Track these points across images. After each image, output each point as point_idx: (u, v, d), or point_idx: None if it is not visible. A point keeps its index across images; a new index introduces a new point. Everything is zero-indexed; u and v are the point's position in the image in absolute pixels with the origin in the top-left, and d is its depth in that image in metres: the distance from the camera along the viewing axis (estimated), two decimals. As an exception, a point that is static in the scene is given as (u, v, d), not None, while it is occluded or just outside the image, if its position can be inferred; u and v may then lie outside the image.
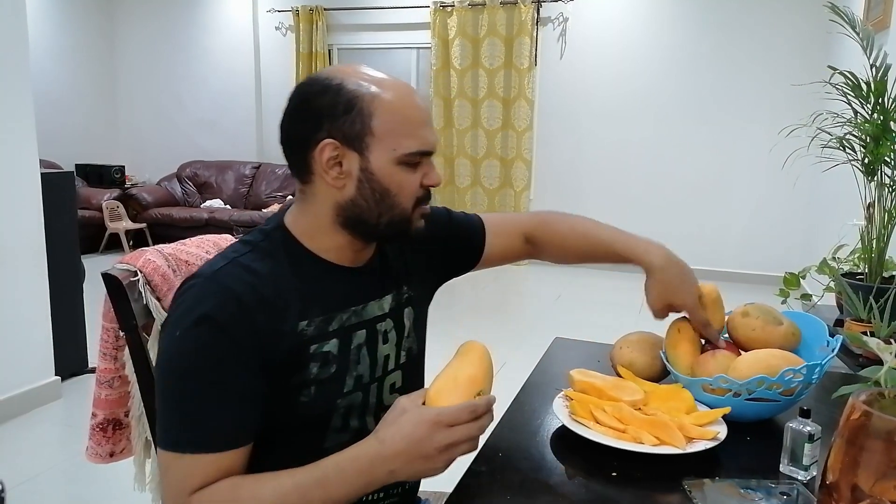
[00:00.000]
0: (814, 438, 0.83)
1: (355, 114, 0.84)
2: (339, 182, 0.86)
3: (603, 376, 1.03)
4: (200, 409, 0.79)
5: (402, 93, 0.87)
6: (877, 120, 1.93)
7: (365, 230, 0.90)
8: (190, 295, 0.82)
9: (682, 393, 0.98)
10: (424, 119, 0.88)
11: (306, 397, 0.86)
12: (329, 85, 0.85)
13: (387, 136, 0.85)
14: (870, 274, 2.00)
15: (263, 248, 0.88)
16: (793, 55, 4.92)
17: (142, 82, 6.90)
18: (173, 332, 0.80)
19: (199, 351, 0.79)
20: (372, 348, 0.94)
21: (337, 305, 0.90)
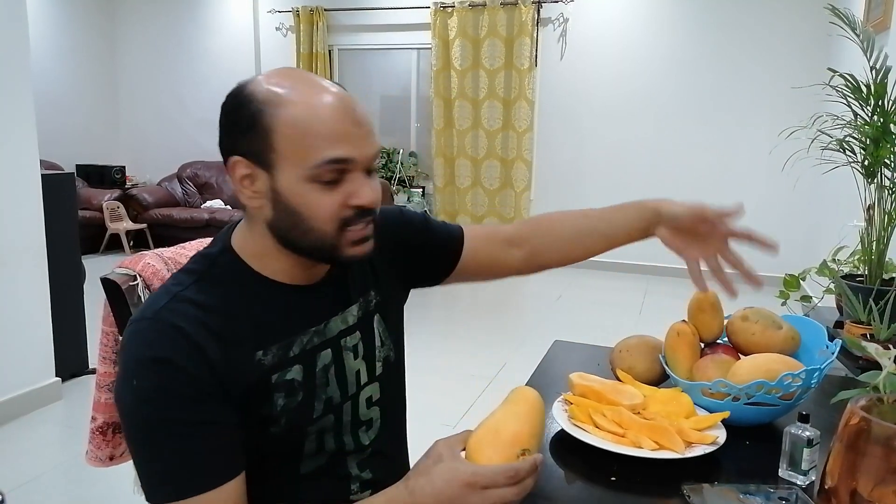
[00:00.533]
0: (812, 443, 0.83)
1: (258, 129, 0.76)
2: (255, 202, 0.80)
3: (602, 380, 1.03)
4: (185, 450, 0.74)
5: (312, 100, 0.77)
6: (877, 122, 1.93)
7: (296, 251, 0.83)
8: (137, 340, 0.77)
9: (682, 397, 0.98)
10: (340, 127, 0.77)
11: (276, 429, 0.82)
12: (239, 97, 0.78)
13: (291, 152, 0.76)
14: (870, 276, 2.00)
15: (210, 276, 0.82)
16: (793, 56, 4.92)
17: (142, 82, 6.90)
18: (129, 383, 0.75)
19: (160, 394, 0.74)
20: (339, 367, 0.89)
21: (295, 329, 0.85)
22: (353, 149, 0.77)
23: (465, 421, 2.73)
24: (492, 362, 3.39)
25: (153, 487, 0.75)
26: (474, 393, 3.01)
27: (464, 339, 3.81)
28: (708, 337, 1.09)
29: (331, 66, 6.29)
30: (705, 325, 1.08)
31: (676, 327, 1.08)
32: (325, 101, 0.77)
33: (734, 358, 1.03)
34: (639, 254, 5.60)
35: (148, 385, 0.74)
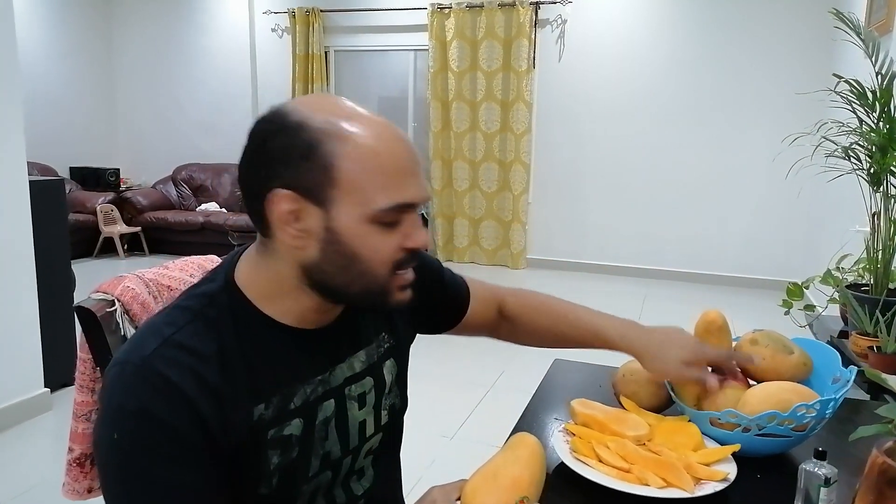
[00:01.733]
0: (830, 482, 0.78)
1: (315, 160, 0.68)
2: (298, 241, 0.71)
3: (605, 408, 0.99)
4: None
5: (379, 134, 0.71)
6: (882, 129, 1.89)
7: (337, 298, 0.76)
8: (120, 386, 0.69)
9: (689, 427, 0.94)
10: (407, 168, 0.72)
11: (266, 488, 0.74)
12: (286, 124, 0.69)
13: (355, 190, 0.69)
14: (875, 286, 1.96)
15: (207, 316, 0.74)
16: (794, 59, 4.87)
17: (138, 84, 6.85)
18: (110, 434, 0.68)
19: (142, 450, 0.67)
20: (342, 419, 0.82)
21: (298, 377, 0.77)
22: (417, 191, 0.73)
23: (464, 431, 2.68)
24: (490, 369, 3.34)
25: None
26: (473, 401, 2.97)
27: (463, 345, 3.76)
28: None
29: (327, 67, 6.24)
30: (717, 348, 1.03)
31: None
32: (389, 137, 0.71)
33: (743, 384, 0.98)
34: (637, 257, 5.59)
35: (129, 437, 0.67)
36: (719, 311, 1.04)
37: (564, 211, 5.68)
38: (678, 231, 5.38)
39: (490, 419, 2.81)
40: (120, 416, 0.68)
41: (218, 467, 0.71)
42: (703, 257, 5.34)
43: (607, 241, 5.58)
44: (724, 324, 1.02)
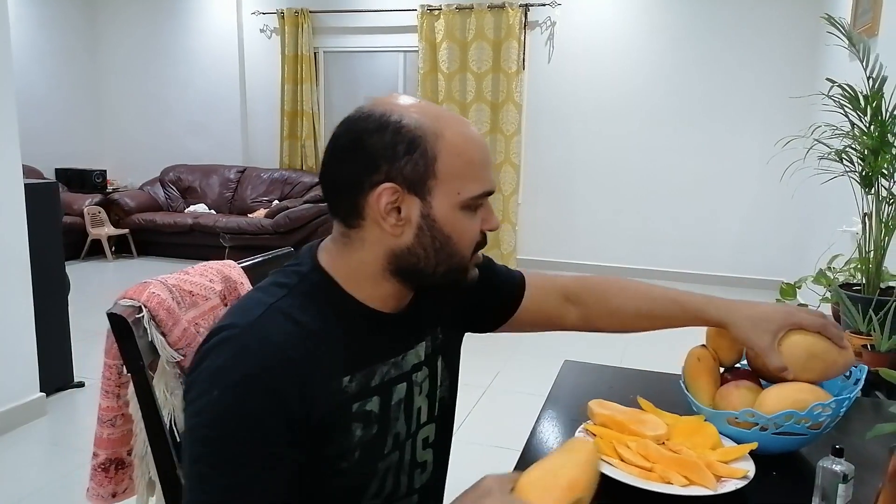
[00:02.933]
0: (847, 479, 0.81)
1: (418, 155, 0.75)
2: (396, 229, 0.78)
3: (622, 408, 1.00)
4: (246, 481, 0.69)
5: (465, 130, 0.80)
6: (874, 132, 1.94)
7: (419, 279, 0.82)
8: (227, 349, 0.72)
9: (706, 426, 0.96)
10: (487, 158, 0.82)
11: (348, 463, 0.78)
12: (387, 121, 0.76)
13: (451, 179, 0.77)
14: (867, 285, 2.00)
15: (301, 291, 0.79)
16: (783, 62, 4.94)
17: (124, 85, 6.78)
18: (209, 392, 0.70)
19: (245, 418, 0.69)
20: (409, 402, 0.87)
21: (378, 357, 0.83)
22: (493, 181, 0.83)
23: (461, 433, 2.70)
24: (485, 370, 3.36)
25: None
26: (469, 402, 2.99)
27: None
28: (727, 362, 1.07)
29: (316, 68, 6.23)
30: (725, 349, 1.05)
31: (696, 353, 1.05)
32: (472, 134, 0.81)
33: (756, 384, 1.01)
34: (628, 257, 5.64)
35: (232, 404, 0.70)
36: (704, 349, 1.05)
37: (555, 212, 5.72)
38: (669, 231, 5.44)
39: (486, 421, 2.83)
40: (226, 377, 0.70)
41: (303, 445, 0.73)
42: (694, 257, 5.41)
43: (598, 242, 5.62)
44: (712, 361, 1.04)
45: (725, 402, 0.98)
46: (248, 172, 6.37)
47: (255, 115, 6.49)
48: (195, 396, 0.71)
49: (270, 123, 6.41)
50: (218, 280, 1.10)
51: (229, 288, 1.11)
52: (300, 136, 6.29)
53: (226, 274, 1.12)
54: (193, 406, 0.72)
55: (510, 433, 1.03)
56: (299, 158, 6.34)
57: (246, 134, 6.56)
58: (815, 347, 0.95)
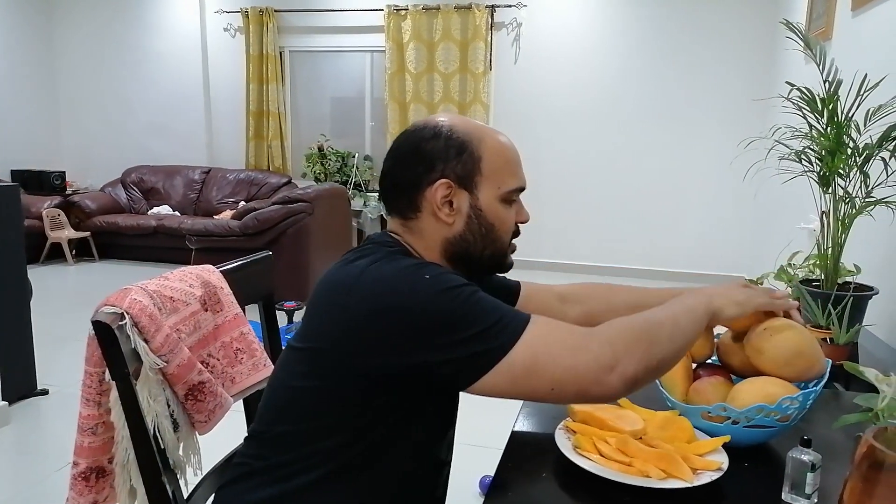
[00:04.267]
0: (815, 468, 0.85)
1: (467, 155, 0.93)
2: (449, 219, 0.94)
3: (602, 405, 1.04)
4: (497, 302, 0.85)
5: (501, 136, 0.98)
6: (830, 134, 2.01)
7: (468, 263, 0.97)
8: (389, 267, 0.85)
9: (681, 421, 0.99)
10: (519, 159, 0.99)
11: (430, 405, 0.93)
12: (439, 130, 0.94)
13: (493, 175, 0.95)
14: (826, 281, 2.08)
15: (408, 252, 0.95)
16: (746, 65, 5.07)
17: (83, 84, 6.62)
18: (418, 280, 0.83)
19: (453, 274, 0.86)
20: None
21: None
22: (524, 178, 1.00)
23: (436, 431, 2.71)
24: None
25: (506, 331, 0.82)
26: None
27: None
28: (699, 357, 1.10)
29: (282, 67, 6.17)
30: (697, 346, 1.09)
31: None
32: (506, 139, 0.99)
33: (727, 379, 1.05)
34: (593, 255, 5.72)
35: (439, 271, 0.85)
36: None
37: (522, 211, 5.76)
38: (633, 230, 5.54)
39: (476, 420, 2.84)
40: (415, 268, 0.86)
41: None
42: (657, 255, 5.52)
43: (565, 241, 5.70)
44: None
45: (699, 397, 1.02)
46: (214, 173, 6.27)
47: (220, 115, 6.40)
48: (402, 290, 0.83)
49: (235, 123, 6.33)
50: (198, 285, 1.10)
51: (209, 293, 1.11)
52: (266, 137, 6.22)
53: (205, 279, 1.12)
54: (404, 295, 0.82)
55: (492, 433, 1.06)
56: (266, 159, 6.28)
57: (210, 134, 6.46)
58: (804, 346, 0.99)
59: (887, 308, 2.29)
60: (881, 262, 2.40)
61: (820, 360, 1.01)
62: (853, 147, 1.97)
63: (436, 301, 0.81)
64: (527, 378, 0.81)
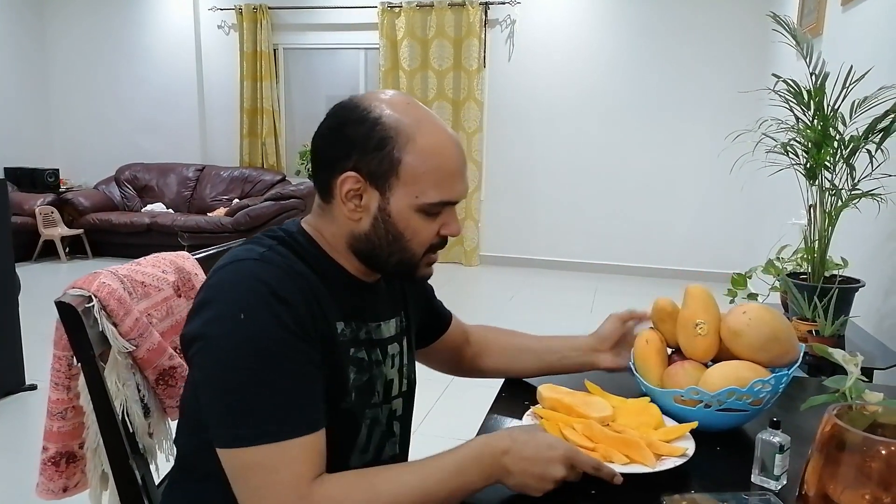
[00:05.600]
0: (784, 449, 0.85)
1: (385, 154, 0.81)
2: (355, 215, 0.85)
3: (571, 391, 1.03)
4: (293, 388, 0.74)
5: (439, 140, 0.83)
6: (817, 126, 2.01)
7: (374, 264, 0.89)
8: (240, 277, 0.77)
9: (650, 408, 0.99)
10: (456, 170, 0.85)
11: (347, 403, 0.85)
12: (367, 116, 0.82)
13: (412, 182, 0.82)
14: (813, 274, 2.08)
15: (292, 245, 0.85)
16: (736, 59, 5.08)
17: (77, 82, 6.60)
18: (235, 317, 0.74)
19: (274, 328, 0.74)
20: (381, 369, 0.94)
21: (361, 317, 0.90)
22: (460, 190, 0.86)
23: (424, 426, 2.71)
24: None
25: (250, 429, 0.72)
26: (432, 397, 3.00)
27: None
28: (674, 343, 1.10)
29: (276, 65, 6.16)
30: (670, 332, 1.09)
31: (645, 335, 1.09)
32: (447, 140, 0.84)
33: (700, 364, 1.04)
34: (588, 252, 5.73)
35: (260, 318, 0.74)
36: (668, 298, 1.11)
37: (516, 208, 5.77)
38: (627, 227, 5.54)
39: (452, 414, 2.84)
40: (249, 298, 0.75)
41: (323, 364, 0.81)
42: (651, 252, 5.52)
43: (558, 238, 5.70)
44: (673, 309, 1.09)
45: (672, 381, 1.02)
46: (207, 171, 6.27)
47: (214, 113, 6.39)
48: (216, 325, 0.75)
49: (229, 121, 6.32)
50: (171, 271, 1.09)
51: (183, 279, 1.10)
52: (260, 134, 6.21)
53: (179, 265, 1.11)
54: (214, 340, 0.75)
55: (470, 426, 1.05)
56: (260, 156, 6.27)
57: (204, 132, 6.45)
58: (781, 332, 0.99)
59: (874, 301, 2.29)
60: (868, 255, 2.40)
61: (795, 346, 1.01)
62: (839, 139, 1.97)
63: (230, 348, 0.74)
64: (233, 482, 0.74)
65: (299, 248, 0.85)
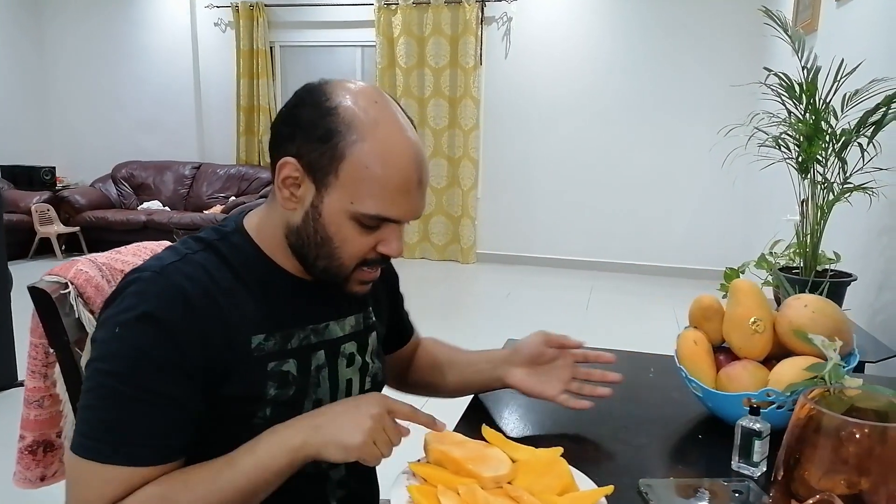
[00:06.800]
0: (763, 436, 0.84)
1: (329, 147, 0.74)
2: (289, 204, 0.79)
3: (464, 440, 0.85)
4: (131, 417, 0.71)
5: (393, 148, 0.75)
6: (809, 119, 2.01)
7: (302, 262, 0.82)
8: (134, 290, 0.74)
9: (558, 465, 0.82)
10: (403, 185, 0.76)
11: (261, 419, 0.79)
12: (323, 102, 0.76)
13: (350, 186, 0.75)
14: (805, 268, 2.08)
15: (218, 249, 0.81)
16: (732, 55, 5.06)
17: (73, 80, 6.59)
18: (111, 329, 0.73)
19: (138, 352, 0.72)
20: (332, 371, 0.87)
21: (296, 322, 0.84)
22: (406, 210, 0.78)
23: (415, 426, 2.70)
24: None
25: (82, 438, 0.72)
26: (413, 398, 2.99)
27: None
28: (714, 343, 1.05)
29: (272, 63, 6.16)
30: (713, 331, 1.04)
31: (691, 336, 1.02)
32: (404, 151, 0.76)
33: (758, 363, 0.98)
34: (584, 250, 5.72)
35: (128, 339, 0.72)
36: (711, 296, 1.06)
37: (513, 206, 5.76)
38: (624, 224, 5.53)
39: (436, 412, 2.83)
40: (126, 314, 0.73)
41: (202, 390, 0.75)
42: (647, 250, 5.51)
43: (555, 235, 5.69)
44: (720, 306, 1.04)
45: (735, 384, 0.95)
46: (204, 169, 6.26)
47: (211, 111, 6.38)
48: (98, 335, 0.75)
49: (226, 119, 6.31)
50: (152, 260, 1.08)
51: (164, 268, 1.10)
52: (257, 132, 6.21)
53: (160, 254, 1.10)
54: (95, 344, 0.75)
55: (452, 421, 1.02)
56: (256, 154, 6.26)
57: (201, 129, 6.44)
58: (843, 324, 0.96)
59: (867, 295, 2.29)
60: (861, 250, 2.39)
61: (852, 337, 0.98)
62: (831, 133, 1.97)
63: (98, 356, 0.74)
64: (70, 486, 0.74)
65: (229, 253, 0.81)
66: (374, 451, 0.75)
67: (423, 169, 0.79)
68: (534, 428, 1.01)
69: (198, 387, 0.75)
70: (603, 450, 0.94)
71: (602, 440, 0.96)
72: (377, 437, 0.75)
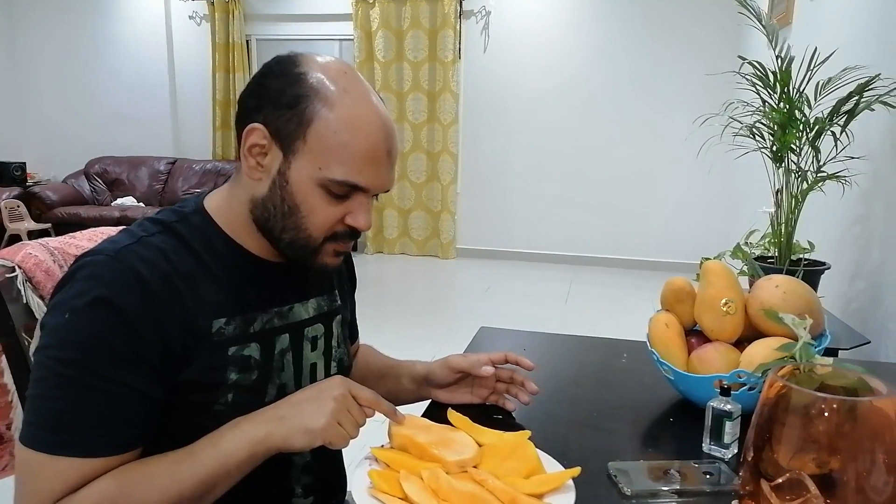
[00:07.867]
0: (734, 417, 0.83)
1: (296, 112, 0.74)
2: (255, 174, 0.77)
3: (429, 425, 0.83)
4: (84, 406, 0.68)
5: (363, 115, 0.75)
6: (783, 108, 2.01)
7: (268, 237, 0.80)
8: (87, 273, 0.71)
9: (525, 448, 0.80)
10: (373, 153, 0.75)
11: (222, 406, 0.77)
12: (291, 70, 0.75)
13: (318, 151, 0.74)
14: (780, 257, 2.09)
15: (177, 231, 0.78)
16: (708, 45, 5.08)
17: (45, 73, 6.45)
18: (61, 314, 0.69)
19: (91, 339, 0.69)
20: (297, 354, 0.86)
21: (259, 305, 0.82)
22: (374, 179, 0.77)
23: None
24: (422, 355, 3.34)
25: (31, 428, 0.69)
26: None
27: (394, 333, 3.76)
28: (686, 326, 1.04)
29: (248, 57, 6.08)
30: (686, 314, 1.03)
31: (663, 318, 1.01)
32: (373, 120, 0.76)
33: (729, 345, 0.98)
34: (564, 244, 5.73)
35: (81, 324, 0.69)
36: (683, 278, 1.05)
37: (493, 200, 5.75)
38: (603, 218, 5.54)
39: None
40: (79, 299, 0.70)
41: (159, 377, 0.73)
42: (626, 243, 5.53)
43: (535, 230, 5.69)
44: (692, 288, 1.03)
45: (706, 366, 0.94)
46: (179, 164, 6.17)
47: (186, 105, 6.29)
48: (47, 321, 0.71)
49: (202, 113, 6.22)
50: (109, 245, 1.04)
51: (122, 254, 1.06)
52: (233, 127, 6.12)
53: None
54: (44, 330, 0.71)
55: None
56: (233, 149, 6.18)
57: (176, 124, 6.34)
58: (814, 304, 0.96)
59: (841, 285, 2.30)
60: (835, 239, 2.41)
61: (823, 318, 0.97)
62: (804, 121, 1.97)
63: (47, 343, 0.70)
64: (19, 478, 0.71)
65: (188, 235, 0.78)
66: (339, 432, 0.73)
67: (392, 140, 0.78)
68: (502, 412, 0.99)
69: (156, 374, 0.73)
70: (573, 434, 0.92)
71: (572, 425, 0.95)
72: (342, 418, 0.74)
